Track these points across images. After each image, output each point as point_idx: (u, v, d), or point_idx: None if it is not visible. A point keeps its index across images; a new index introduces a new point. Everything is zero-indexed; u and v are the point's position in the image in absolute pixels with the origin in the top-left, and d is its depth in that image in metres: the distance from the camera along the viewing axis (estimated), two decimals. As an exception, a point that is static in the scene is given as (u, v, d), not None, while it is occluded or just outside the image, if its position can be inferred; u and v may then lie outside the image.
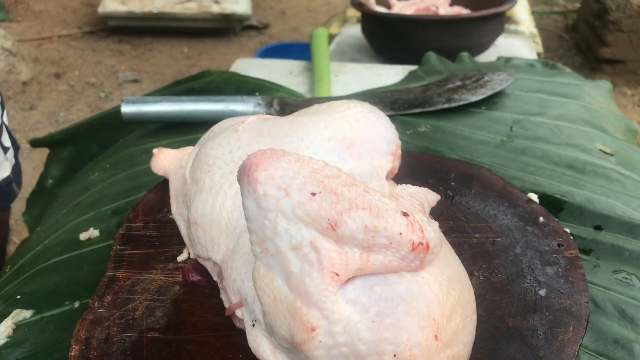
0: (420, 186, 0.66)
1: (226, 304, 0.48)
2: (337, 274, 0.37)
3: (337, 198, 0.38)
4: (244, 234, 0.47)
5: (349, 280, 0.38)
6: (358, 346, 0.37)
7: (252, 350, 0.42)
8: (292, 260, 0.38)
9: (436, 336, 0.39)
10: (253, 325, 0.43)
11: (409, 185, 0.48)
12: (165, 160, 0.58)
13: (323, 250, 0.37)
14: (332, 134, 0.54)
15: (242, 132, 0.54)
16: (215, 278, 0.50)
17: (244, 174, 0.39)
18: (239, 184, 0.40)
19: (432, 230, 0.40)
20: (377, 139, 0.55)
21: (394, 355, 0.37)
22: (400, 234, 0.38)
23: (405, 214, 0.39)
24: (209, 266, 0.51)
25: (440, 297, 0.40)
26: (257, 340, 0.42)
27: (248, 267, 0.44)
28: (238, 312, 0.45)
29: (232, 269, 0.46)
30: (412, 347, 0.38)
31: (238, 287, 0.45)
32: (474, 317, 0.44)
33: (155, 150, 0.59)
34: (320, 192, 0.38)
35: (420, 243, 0.39)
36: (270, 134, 0.54)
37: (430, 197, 0.46)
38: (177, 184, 0.56)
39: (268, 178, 0.38)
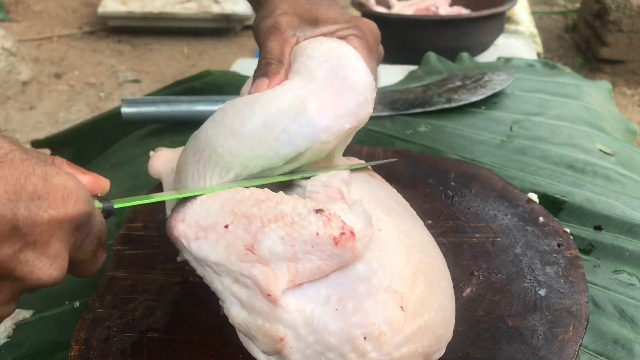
0: (420, 186, 0.66)
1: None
2: (269, 295, 0.38)
3: (249, 220, 0.39)
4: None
5: (301, 283, 0.39)
6: (328, 340, 0.38)
7: (245, 346, 0.43)
8: (238, 292, 0.40)
9: (402, 307, 0.39)
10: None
11: (318, 176, 0.45)
12: (160, 163, 0.57)
13: (251, 277, 0.38)
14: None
15: None
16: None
17: (170, 235, 0.42)
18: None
19: (355, 215, 0.39)
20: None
21: (365, 338, 0.38)
22: (317, 234, 0.38)
23: (318, 211, 0.38)
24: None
25: (399, 267, 0.40)
26: (247, 344, 0.43)
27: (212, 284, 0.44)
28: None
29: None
30: (380, 325, 0.38)
31: (220, 292, 0.44)
32: (445, 284, 0.43)
33: (151, 152, 0.58)
34: (232, 222, 0.39)
35: (342, 234, 0.38)
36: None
37: (343, 175, 0.45)
38: (169, 185, 0.55)
39: (186, 229, 0.40)
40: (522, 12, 1.65)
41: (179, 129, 0.86)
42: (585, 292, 0.51)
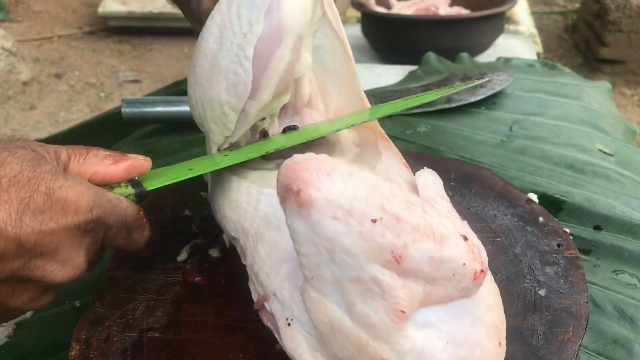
0: None
1: (254, 295, 0.44)
2: (403, 312, 0.34)
3: (400, 225, 0.34)
4: (265, 223, 0.44)
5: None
6: None
7: (287, 350, 0.39)
8: (353, 293, 0.35)
9: (500, 343, 0.38)
10: (289, 324, 0.40)
11: (425, 171, 0.44)
12: None
13: (386, 286, 0.34)
14: None
15: None
16: (244, 261, 0.46)
17: (291, 193, 0.34)
18: (281, 200, 0.35)
19: (482, 249, 0.38)
20: None
21: None
22: (464, 264, 0.35)
23: (465, 238, 0.36)
24: (238, 247, 0.48)
25: (493, 302, 0.39)
26: (295, 341, 0.39)
27: (276, 261, 0.42)
28: (267, 306, 0.42)
29: (254, 259, 0.43)
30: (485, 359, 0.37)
31: (262, 281, 0.42)
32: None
33: None
34: (381, 218, 0.34)
35: (482, 271, 0.36)
36: None
37: (438, 181, 0.44)
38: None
39: (324, 201, 0.34)
40: (521, 12, 1.65)
41: (179, 129, 0.86)
42: (585, 292, 0.51)
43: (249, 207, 0.46)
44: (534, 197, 0.64)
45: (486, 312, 0.38)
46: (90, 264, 0.41)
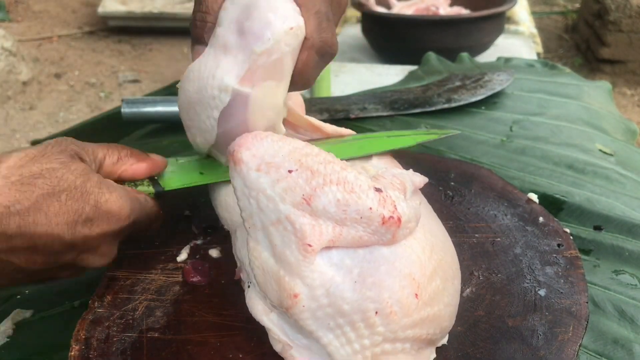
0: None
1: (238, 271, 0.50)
2: (310, 245, 0.39)
3: (313, 175, 0.41)
4: None
5: (331, 247, 0.41)
6: (341, 305, 0.40)
7: (249, 310, 0.44)
8: (275, 234, 0.41)
9: (416, 294, 0.41)
10: (249, 287, 0.45)
11: (395, 168, 0.49)
12: None
13: (297, 224, 0.40)
14: None
15: None
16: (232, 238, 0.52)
17: (230, 155, 0.43)
18: (228, 165, 0.43)
19: (407, 206, 0.42)
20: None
21: (376, 312, 0.40)
22: (371, 208, 0.40)
23: (378, 190, 0.41)
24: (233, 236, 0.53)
25: (422, 259, 0.42)
26: (252, 301, 0.44)
27: (243, 236, 0.47)
28: (243, 276, 0.48)
29: (236, 238, 0.49)
30: (392, 304, 0.40)
31: (238, 254, 0.49)
32: (456, 282, 0.46)
33: None
34: (297, 170, 0.41)
35: (391, 217, 0.40)
36: None
37: (416, 179, 0.48)
38: None
39: (250, 157, 0.42)
40: (521, 12, 1.65)
41: (179, 129, 0.86)
42: (585, 292, 0.51)
43: (237, 207, 0.48)
44: (534, 197, 0.64)
45: (407, 265, 0.41)
46: (112, 258, 0.50)
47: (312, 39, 0.46)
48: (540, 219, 0.60)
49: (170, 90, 1.05)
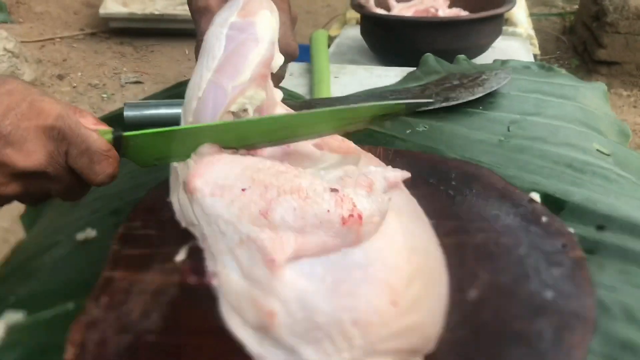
0: (421, 186, 0.65)
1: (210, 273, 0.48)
2: (274, 259, 0.39)
3: (266, 188, 0.41)
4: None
5: (298, 257, 0.40)
6: (317, 318, 0.38)
7: (224, 321, 0.43)
8: (241, 255, 0.40)
9: (394, 302, 0.39)
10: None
11: (369, 165, 0.49)
12: None
13: (258, 240, 0.39)
14: None
15: None
16: (200, 244, 0.49)
17: (185, 186, 0.43)
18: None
19: (368, 202, 0.41)
20: None
21: (353, 323, 0.38)
22: (328, 211, 0.40)
23: (334, 190, 0.41)
24: (197, 234, 0.51)
25: (399, 263, 0.41)
26: (227, 314, 0.43)
27: (215, 245, 0.45)
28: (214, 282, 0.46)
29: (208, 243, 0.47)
30: (370, 314, 0.38)
31: (222, 255, 0.45)
32: (442, 287, 0.44)
33: None
34: (249, 187, 0.41)
35: (351, 215, 0.40)
36: None
37: (389, 175, 0.47)
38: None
39: (204, 184, 0.42)
40: (520, 13, 1.65)
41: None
42: (592, 294, 0.50)
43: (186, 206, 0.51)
44: (536, 196, 0.63)
45: (381, 269, 0.40)
46: (56, 169, 0.49)
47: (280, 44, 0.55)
48: (544, 218, 0.59)
49: (172, 92, 1.05)
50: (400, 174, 0.49)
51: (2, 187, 0.49)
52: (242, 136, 0.52)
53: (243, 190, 0.41)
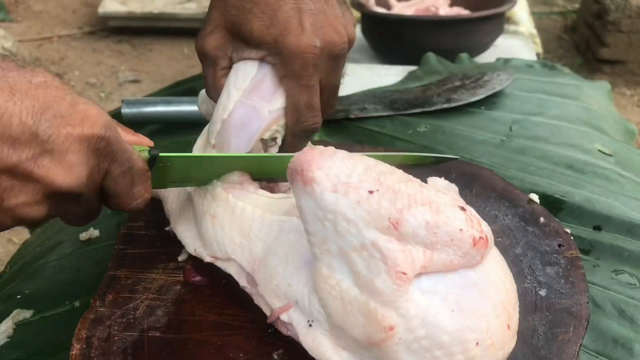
0: None
1: (266, 311, 0.46)
2: (405, 273, 0.36)
3: (395, 195, 0.37)
4: (276, 241, 0.46)
5: (421, 273, 0.38)
6: (440, 337, 0.37)
7: (310, 351, 0.41)
8: (358, 261, 0.37)
9: (508, 325, 0.39)
10: (310, 325, 0.41)
11: (435, 178, 0.47)
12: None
13: (387, 251, 0.36)
14: None
15: None
16: (243, 284, 0.49)
17: (297, 174, 0.38)
18: (291, 184, 0.39)
19: (485, 224, 0.40)
20: None
21: (477, 344, 0.37)
22: (461, 230, 0.38)
23: (462, 209, 0.39)
24: (231, 270, 0.50)
25: (506, 285, 0.40)
26: (317, 341, 0.41)
27: (294, 270, 0.43)
28: (284, 317, 0.44)
29: (271, 276, 0.45)
30: (492, 335, 0.38)
31: (284, 292, 0.44)
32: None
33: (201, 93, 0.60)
34: (377, 190, 0.37)
35: (481, 238, 0.38)
36: None
37: (452, 187, 0.46)
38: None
39: (324, 177, 0.37)
40: (521, 12, 1.65)
41: (180, 130, 0.86)
42: (585, 292, 0.51)
43: (261, 234, 0.47)
44: (535, 197, 0.64)
45: (493, 290, 0.39)
46: (90, 189, 0.41)
47: (293, 129, 0.51)
48: (541, 219, 0.60)
49: (170, 91, 1.05)
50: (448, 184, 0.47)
51: (27, 208, 0.39)
52: (272, 170, 0.51)
53: (370, 192, 0.37)
